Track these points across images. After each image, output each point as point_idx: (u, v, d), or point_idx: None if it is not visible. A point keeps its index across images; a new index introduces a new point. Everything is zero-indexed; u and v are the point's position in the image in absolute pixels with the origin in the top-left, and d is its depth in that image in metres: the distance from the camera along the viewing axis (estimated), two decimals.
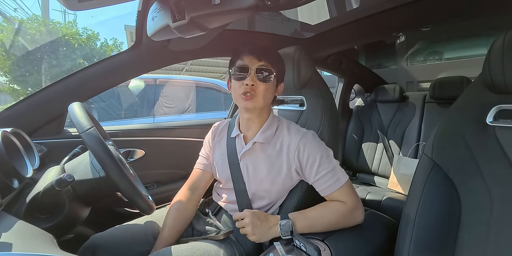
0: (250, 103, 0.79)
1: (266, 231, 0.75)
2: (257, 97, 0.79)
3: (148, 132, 1.44)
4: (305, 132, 0.83)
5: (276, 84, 0.85)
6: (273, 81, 0.81)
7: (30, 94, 1.05)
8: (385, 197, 1.45)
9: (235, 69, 0.80)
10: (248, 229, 0.74)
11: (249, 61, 0.79)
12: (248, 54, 0.79)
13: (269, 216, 0.78)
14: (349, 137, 1.94)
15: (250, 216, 0.75)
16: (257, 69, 0.78)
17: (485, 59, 0.65)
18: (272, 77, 0.80)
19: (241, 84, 0.78)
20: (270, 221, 0.76)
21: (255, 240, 0.75)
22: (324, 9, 1.29)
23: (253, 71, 0.78)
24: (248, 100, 0.78)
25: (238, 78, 0.79)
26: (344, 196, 0.77)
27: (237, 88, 0.80)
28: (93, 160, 0.78)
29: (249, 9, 0.52)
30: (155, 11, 0.65)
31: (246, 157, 0.86)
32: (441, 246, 0.62)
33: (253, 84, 0.77)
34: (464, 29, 2.80)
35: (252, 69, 0.78)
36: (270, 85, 0.81)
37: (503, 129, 0.62)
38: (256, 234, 0.74)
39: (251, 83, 0.77)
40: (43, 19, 7.98)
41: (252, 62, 0.78)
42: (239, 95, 0.79)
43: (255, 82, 0.78)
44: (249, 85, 0.77)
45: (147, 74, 1.78)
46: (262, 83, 0.79)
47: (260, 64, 0.79)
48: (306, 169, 0.79)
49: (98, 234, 0.83)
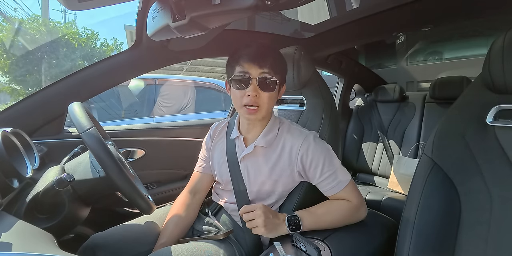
0: (253, 116, 0.76)
1: (276, 226, 0.72)
2: (260, 109, 0.76)
3: (148, 132, 1.44)
4: (307, 134, 0.81)
5: (279, 88, 0.81)
6: (277, 87, 0.78)
7: (30, 94, 1.05)
8: (385, 197, 1.45)
9: (235, 77, 0.75)
10: (259, 220, 0.70)
11: (249, 68, 0.74)
12: (248, 61, 0.74)
13: (277, 212, 0.77)
14: (349, 137, 1.94)
15: (263, 207, 0.72)
16: (259, 79, 0.74)
17: (485, 59, 0.65)
18: (275, 85, 0.76)
19: (243, 94, 0.74)
20: (279, 217, 0.74)
21: (263, 233, 0.70)
22: (324, 9, 1.29)
23: (255, 80, 0.74)
24: (252, 113, 0.76)
25: (240, 87, 0.75)
26: (348, 195, 0.78)
27: (238, 97, 0.76)
28: (93, 160, 0.78)
29: (249, 9, 0.52)
30: (155, 11, 0.65)
31: (247, 160, 0.85)
32: (441, 246, 0.62)
33: (256, 95, 0.74)
34: (464, 29, 2.80)
35: (254, 78, 0.74)
36: (274, 94, 0.78)
37: (503, 129, 0.62)
38: (267, 227, 0.70)
39: (253, 94, 0.73)
40: (43, 19, 7.97)
41: (253, 70, 0.74)
42: (241, 105, 0.76)
43: (258, 93, 0.74)
44: (252, 96, 0.73)
45: (147, 74, 1.78)
46: (265, 92, 0.75)
47: (262, 72, 0.74)
48: (309, 171, 0.79)
49: (98, 234, 0.83)
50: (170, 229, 0.86)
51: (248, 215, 0.73)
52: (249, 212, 0.73)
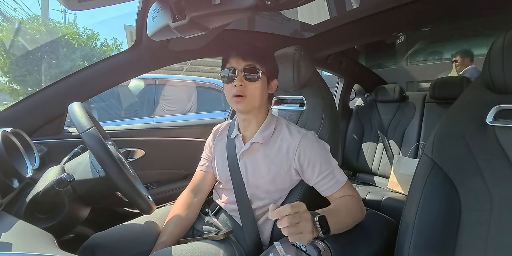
0: (241, 105, 0.79)
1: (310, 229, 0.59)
2: (247, 98, 0.79)
3: (148, 132, 1.44)
4: (305, 133, 0.82)
5: (267, 81, 0.84)
6: (262, 78, 0.81)
7: (30, 94, 1.05)
8: (385, 197, 1.45)
9: (223, 73, 0.81)
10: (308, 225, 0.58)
11: (235, 62, 0.79)
12: (234, 56, 0.80)
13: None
14: (349, 137, 1.94)
15: (303, 205, 0.59)
16: (244, 69, 0.78)
17: (485, 59, 0.65)
18: (259, 75, 0.79)
19: (231, 86, 0.79)
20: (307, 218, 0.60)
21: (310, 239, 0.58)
22: (324, 9, 1.29)
23: (240, 72, 0.78)
24: (239, 102, 0.79)
25: (228, 80, 0.80)
26: (347, 193, 0.78)
27: (228, 90, 0.81)
28: (93, 160, 0.78)
29: (249, 9, 0.52)
30: (155, 11, 0.65)
31: (245, 157, 0.86)
32: (441, 246, 0.62)
33: (241, 84, 0.78)
34: (464, 29, 2.81)
35: (239, 70, 0.78)
36: (260, 84, 0.80)
37: (503, 129, 0.62)
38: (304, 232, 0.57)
39: (239, 83, 0.77)
40: (43, 19, 7.96)
41: (238, 63, 0.79)
42: (231, 97, 0.80)
43: (243, 82, 0.78)
44: (237, 85, 0.77)
45: (147, 74, 1.78)
46: (250, 82, 0.79)
47: (246, 64, 0.79)
48: (307, 171, 0.79)
49: (98, 234, 0.83)
50: (170, 229, 0.86)
51: (290, 219, 0.56)
52: (288, 215, 0.56)
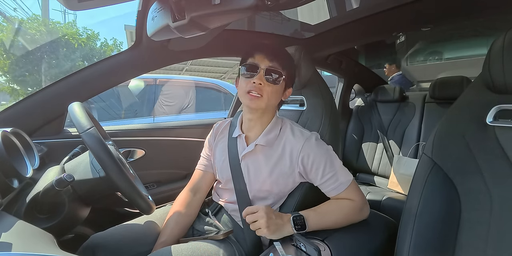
0: (254, 102, 0.78)
1: (280, 227, 0.71)
2: (262, 98, 0.77)
3: (148, 132, 1.44)
4: (309, 135, 0.82)
5: (284, 88, 0.84)
6: (282, 84, 0.80)
7: (30, 94, 1.05)
8: (385, 197, 1.45)
9: (244, 66, 0.79)
10: (262, 221, 0.69)
11: (260, 60, 0.78)
12: (260, 53, 0.78)
13: (281, 213, 0.76)
14: (349, 137, 1.94)
15: (265, 208, 0.72)
16: (267, 70, 0.77)
17: (485, 59, 0.65)
18: (281, 79, 0.79)
19: (248, 81, 0.77)
20: (283, 218, 0.73)
21: (266, 234, 0.70)
22: (324, 9, 1.29)
23: (263, 71, 0.77)
24: (253, 99, 0.77)
25: (247, 76, 0.78)
26: (350, 195, 0.78)
27: (244, 85, 0.79)
28: (93, 160, 0.78)
29: (249, 9, 0.52)
30: (155, 11, 0.65)
31: (248, 158, 0.86)
32: (441, 246, 0.62)
33: (260, 83, 0.76)
34: (464, 29, 2.80)
35: (262, 69, 0.77)
36: (278, 88, 0.80)
37: (503, 129, 0.62)
38: (270, 227, 0.69)
39: (258, 81, 0.76)
40: (43, 19, 7.96)
41: (263, 62, 0.78)
42: (245, 92, 0.78)
43: (262, 82, 0.77)
44: (256, 83, 0.76)
45: (147, 74, 1.78)
46: (270, 84, 0.78)
47: (271, 65, 0.78)
48: (311, 173, 0.79)
49: (98, 234, 0.83)
50: (170, 228, 0.86)
51: (250, 217, 0.72)
52: (252, 214, 0.72)
